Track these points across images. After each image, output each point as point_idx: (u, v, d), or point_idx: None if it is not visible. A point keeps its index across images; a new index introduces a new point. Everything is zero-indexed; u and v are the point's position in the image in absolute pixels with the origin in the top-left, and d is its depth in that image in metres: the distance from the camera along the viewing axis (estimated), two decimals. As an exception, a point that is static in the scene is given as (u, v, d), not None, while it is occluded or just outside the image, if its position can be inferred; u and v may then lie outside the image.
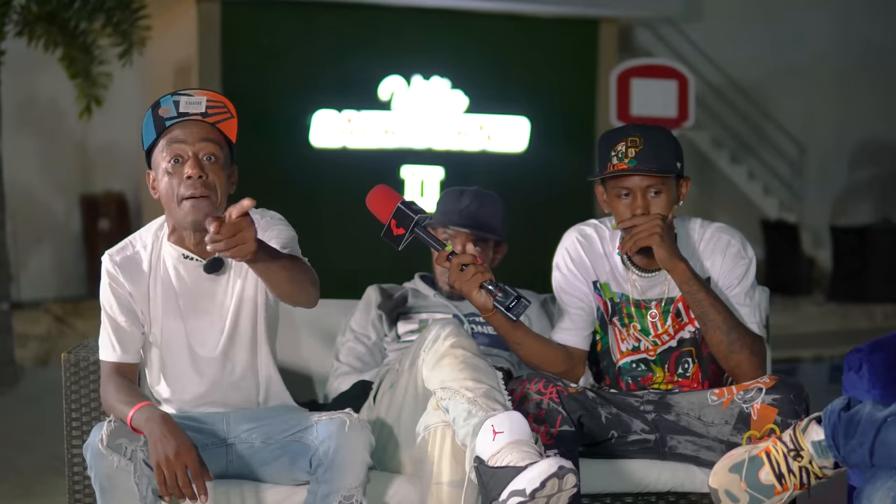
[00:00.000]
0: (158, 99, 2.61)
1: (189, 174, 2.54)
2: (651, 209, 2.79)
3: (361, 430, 2.56)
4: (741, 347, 2.79)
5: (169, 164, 2.57)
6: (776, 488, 2.41)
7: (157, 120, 2.59)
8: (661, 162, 2.78)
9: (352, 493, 2.52)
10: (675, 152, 2.83)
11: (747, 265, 2.90)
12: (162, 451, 2.44)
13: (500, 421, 2.48)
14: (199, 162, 2.55)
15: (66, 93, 8.12)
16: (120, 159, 11.70)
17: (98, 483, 2.48)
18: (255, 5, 10.15)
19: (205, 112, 2.58)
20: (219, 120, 2.61)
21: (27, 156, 10.63)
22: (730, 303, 2.87)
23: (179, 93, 2.60)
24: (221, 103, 2.61)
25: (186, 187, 2.55)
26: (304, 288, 2.56)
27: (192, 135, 2.57)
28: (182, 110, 2.58)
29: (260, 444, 2.66)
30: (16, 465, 4.96)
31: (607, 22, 11.22)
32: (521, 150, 10.70)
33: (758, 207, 12.95)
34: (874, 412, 2.36)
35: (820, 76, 13.24)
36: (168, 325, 2.68)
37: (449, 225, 3.24)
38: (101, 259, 2.69)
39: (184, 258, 2.65)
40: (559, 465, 2.37)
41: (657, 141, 2.80)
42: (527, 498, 2.36)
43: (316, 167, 10.10)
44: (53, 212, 11.51)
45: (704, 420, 2.78)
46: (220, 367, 2.70)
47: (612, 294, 2.93)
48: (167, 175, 2.57)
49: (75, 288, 11.33)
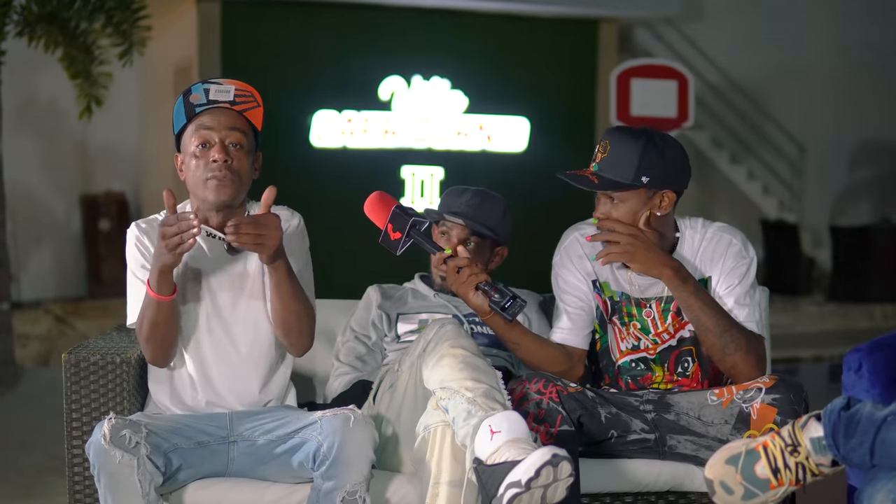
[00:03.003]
0: (190, 86, 2.74)
1: (215, 158, 2.67)
2: (611, 215, 2.81)
3: (365, 426, 2.58)
4: (735, 349, 2.79)
5: (197, 148, 2.70)
6: (771, 482, 2.41)
7: (187, 106, 2.72)
8: (617, 174, 2.78)
9: (355, 488, 2.54)
10: (642, 166, 2.77)
11: (748, 265, 2.91)
12: (158, 245, 2.57)
13: (498, 421, 2.49)
14: (224, 147, 2.68)
15: (66, 93, 8.12)
16: (120, 159, 11.71)
17: (102, 480, 2.50)
18: (255, 5, 10.16)
19: (233, 100, 2.72)
20: (246, 108, 2.74)
21: (27, 156, 10.64)
22: (729, 302, 2.87)
23: (210, 81, 2.73)
24: (249, 92, 2.74)
25: (211, 169, 2.68)
26: (300, 333, 2.73)
27: (220, 122, 2.70)
28: (212, 98, 2.71)
29: (262, 441, 2.68)
30: (16, 465, 4.96)
31: (607, 22, 11.22)
32: (521, 150, 10.71)
33: (758, 207, 12.96)
34: (874, 411, 2.36)
35: (820, 76, 13.25)
36: (190, 298, 2.75)
37: (445, 215, 3.25)
38: (126, 232, 2.79)
39: (207, 235, 2.74)
40: (553, 452, 2.38)
41: (621, 152, 2.78)
42: (523, 489, 2.36)
43: (316, 167, 10.10)
44: (53, 212, 11.52)
45: (704, 420, 2.78)
46: (234, 341, 2.75)
47: (612, 293, 2.93)
48: (194, 158, 2.71)
49: (75, 288, 11.34)
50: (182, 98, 2.73)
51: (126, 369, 2.84)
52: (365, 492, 2.56)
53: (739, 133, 13.14)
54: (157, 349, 2.71)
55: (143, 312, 2.67)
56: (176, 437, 2.63)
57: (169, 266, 2.60)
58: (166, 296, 2.63)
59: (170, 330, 2.69)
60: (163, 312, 2.65)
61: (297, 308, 2.69)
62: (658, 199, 2.82)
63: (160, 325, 2.67)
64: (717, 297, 2.88)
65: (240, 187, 2.71)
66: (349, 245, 9.90)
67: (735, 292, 2.88)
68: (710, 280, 2.90)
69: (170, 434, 2.62)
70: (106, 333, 3.16)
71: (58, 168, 11.43)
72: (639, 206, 2.81)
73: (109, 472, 2.48)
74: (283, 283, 2.66)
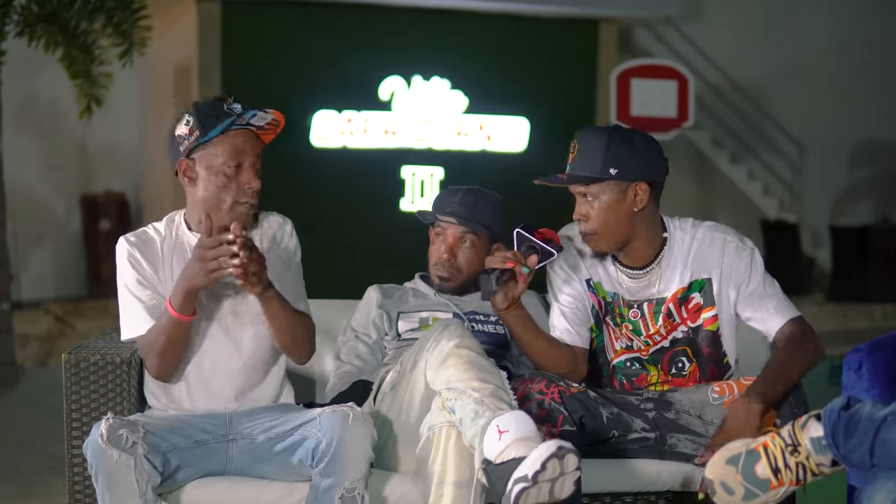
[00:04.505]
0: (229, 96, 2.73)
1: (251, 185, 2.70)
2: (584, 214, 2.83)
3: (364, 423, 2.58)
4: (812, 363, 2.85)
5: (229, 168, 2.69)
6: (772, 482, 2.41)
7: (225, 116, 2.68)
8: (585, 169, 2.79)
9: (354, 485, 2.54)
10: (609, 158, 2.78)
11: (751, 255, 2.88)
12: (191, 266, 2.58)
13: (506, 420, 2.49)
14: (256, 173, 2.71)
15: (66, 93, 8.12)
16: (120, 159, 11.70)
17: (99, 480, 2.51)
18: (255, 5, 10.15)
19: (263, 126, 2.72)
20: (267, 134, 2.76)
21: (27, 156, 10.63)
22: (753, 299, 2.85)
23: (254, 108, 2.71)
24: (277, 121, 2.74)
25: (245, 194, 2.70)
26: (300, 347, 2.79)
27: (252, 147, 2.72)
28: (251, 121, 2.70)
29: (261, 439, 2.68)
30: (16, 465, 4.96)
31: (607, 22, 11.22)
32: (521, 150, 10.70)
33: (758, 207, 12.95)
34: (874, 411, 2.36)
35: (820, 76, 13.24)
36: None
37: (438, 215, 3.26)
38: (116, 247, 2.79)
39: None
40: (558, 445, 2.38)
41: (589, 148, 2.81)
42: (530, 483, 2.36)
43: (316, 167, 10.10)
44: (53, 212, 11.51)
45: (704, 419, 2.78)
46: (232, 346, 2.75)
47: (605, 293, 2.93)
48: (223, 176, 2.69)
49: (75, 288, 11.33)
50: (214, 105, 2.70)
51: (126, 369, 2.84)
52: (363, 489, 2.56)
53: (739, 133, 13.13)
54: (169, 366, 2.72)
55: (161, 331, 2.66)
56: (174, 436, 2.63)
57: (200, 288, 2.60)
58: (189, 316, 2.63)
59: (184, 348, 2.70)
60: (181, 332, 2.65)
61: (292, 326, 2.73)
62: (632, 193, 2.81)
63: (177, 344, 2.68)
64: (735, 298, 2.86)
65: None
66: (349, 245, 9.90)
67: (751, 288, 2.86)
68: (709, 282, 2.88)
69: (168, 434, 2.62)
70: (106, 333, 3.16)
71: (58, 168, 11.42)
72: (612, 200, 2.80)
73: (107, 472, 2.48)
74: (277, 312, 2.69)
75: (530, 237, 2.80)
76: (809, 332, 2.83)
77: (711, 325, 2.89)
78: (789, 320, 2.84)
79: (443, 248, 3.25)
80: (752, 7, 13.15)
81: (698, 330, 2.89)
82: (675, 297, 2.88)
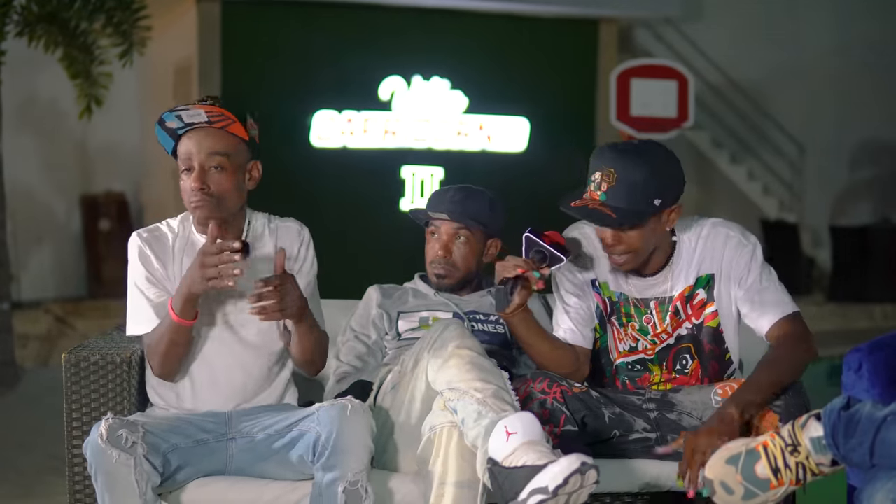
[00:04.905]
0: (161, 115, 2.72)
1: (192, 186, 2.69)
2: (623, 241, 2.77)
3: (363, 415, 2.60)
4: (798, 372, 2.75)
5: (183, 171, 2.73)
6: (772, 482, 2.41)
7: (168, 132, 2.73)
8: (630, 202, 2.70)
9: (357, 478, 2.55)
10: (651, 190, 2.71)
11: (752, 250, 2.87)
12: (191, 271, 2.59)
13: (513, 422, 2.49)
14: (202, 174, 2.69)
15: (66, 93, 8.12)
16: (120, 159, 11.70)
17: (99, 480, 2.51)
18: (255, 5, 10.16)
19: (208, 120, 2.70)
20: (224, 125, 2.72)
21: (27, 156, 10.62)
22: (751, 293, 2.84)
23: (178, 108, 2.71)
24: (220, 113, 2.71)
25: (189, 195, 2.72)
26: (316, 365, 2.85)
27: (201, 145, 2.71)
28: (188, 121, 2.70)
29: (261, 436, 2.68)
30: (16, 465, 4.96)
31: (607, 22, 11.22)
32: (521, 150, 10.71)
33: (758, 207, 12.95)
34: (874, 411, 2.36)
35: (820, 76, 13.24)
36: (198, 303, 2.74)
37: (430, 211, 3.26)
38: (128, 242, 2.80)
39: None
40: (581, 461, 2.39)
41: (630, 181, 2.70)
42: (549, 495, 2.37)
43: (316, 167, 10.10)
44: (53, 212, 11.51)
45: (705, 421, 2.78)
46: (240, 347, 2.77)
47: (611, 293, 2.93)
48: (182, 180, 2.74)
49: (75, 288, 11.33)
50: (158, 127, 2.74)
51: (126, 369, 2.84)
52: (367, 481, 2.56)
53: (739, 133, 13.13)
54: (172, 366, 2.73)
55: (163, 332, 2.68)
56: (174, 436, 2.63)
57: (198, 294, 2.61)
58: (189, 320, 2.65)
59: (187, 349, 2.72)
60: (183, 334, 2.67)
61: (313, 347, 2.78)
62: (667, 215, 2.80)
63: (180, 346, 2.70)
64: (736, 295, 2.85)
65: (220, 207, 2.71)
66: (349, 245, 9.90)
67: (750, 281, 2.85)
68: (712, 277, 2.88)
69: (168, 434, 2.62)
70: (106, 333, 3.16)
71: (58, 168, 11.42)
72: (652, 227, 2.78)
73: (106, 472, 2.49)
74: (306, 335, 2.74)
75: (540, 241, 2.78)
76: (803, 333, 2.80)
77: (713, 321, 2.89)
78: (782, 319, 2.81)
79: (437, 245, 3.26)
80: (752, 7, 13.14)
81: (701, 326, 2.89)
82: (682, 295, 2.88)
